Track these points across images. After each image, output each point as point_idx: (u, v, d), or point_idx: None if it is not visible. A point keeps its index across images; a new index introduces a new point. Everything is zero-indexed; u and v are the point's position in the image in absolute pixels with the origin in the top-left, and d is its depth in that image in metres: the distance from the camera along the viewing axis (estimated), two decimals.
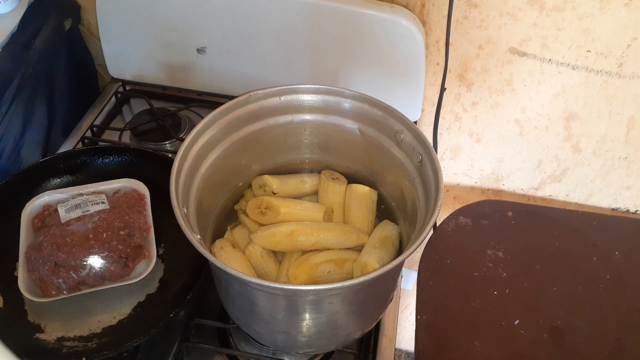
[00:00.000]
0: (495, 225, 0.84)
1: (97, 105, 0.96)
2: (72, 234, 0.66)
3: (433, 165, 0.57)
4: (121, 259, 0.66)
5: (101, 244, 0.66)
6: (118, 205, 0.71)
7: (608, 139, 0.94)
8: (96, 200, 0.70)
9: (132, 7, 0.87)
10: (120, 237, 0.67)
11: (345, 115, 0.66)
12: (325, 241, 0.64)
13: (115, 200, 0.72)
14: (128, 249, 0.67)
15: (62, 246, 0.65)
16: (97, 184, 0.74)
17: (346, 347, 0.68)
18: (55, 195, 0.72)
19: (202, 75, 0.95)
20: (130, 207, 0.71)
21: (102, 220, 0.68)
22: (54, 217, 0.69)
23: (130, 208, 0.71)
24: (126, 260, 0.66)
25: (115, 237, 0.67)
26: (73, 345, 0.62)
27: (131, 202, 0.72)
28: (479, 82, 0.91)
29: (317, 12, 0.81)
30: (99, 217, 0.68)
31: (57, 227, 0.67)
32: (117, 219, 0.69)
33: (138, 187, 0.75)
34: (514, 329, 0.72)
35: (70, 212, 0.69)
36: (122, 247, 0.67)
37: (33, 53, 0.86)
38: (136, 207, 0.72)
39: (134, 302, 0.67)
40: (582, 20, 0.79)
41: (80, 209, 0.69)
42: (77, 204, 0.69)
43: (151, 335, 0.61)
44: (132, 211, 0.71)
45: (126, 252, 0.67)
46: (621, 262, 0.80)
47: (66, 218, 0.68)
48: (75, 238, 0.66)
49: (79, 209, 0.69)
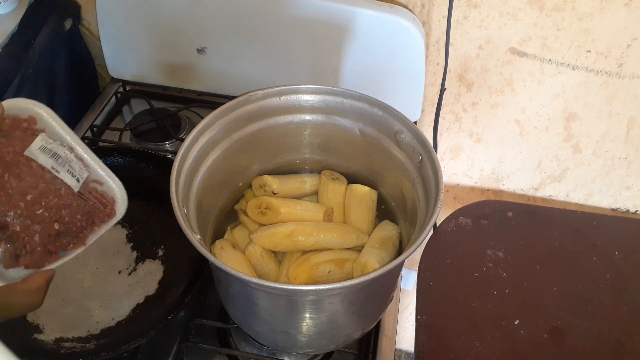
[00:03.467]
0: (495, 225, 0.84)
1: (97, 105, 0.96)
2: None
3: (433, 165, 0.57)
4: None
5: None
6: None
7: (608, 139, 0.94)
8: (75, 170, 0.51)
9: (132, 8, 0.87)
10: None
11: (345, 115, 0.66)
12: (325, 241, 0.64)
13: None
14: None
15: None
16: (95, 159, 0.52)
17: (346, 347, 0.68)
18: (51, 123, 0.51)
19: (202, 75, 0.95)
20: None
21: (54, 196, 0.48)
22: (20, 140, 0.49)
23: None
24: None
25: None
26: (71, 346, 0.62)
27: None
28: (479, 82, 0.91)
29: (317, 12, 0.81)
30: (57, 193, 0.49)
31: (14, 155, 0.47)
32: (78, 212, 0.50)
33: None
34: (514, 329, 0.72)
35: (46, 155, 0.49)
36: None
37: (33, 53, 0.86)
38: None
39: (132, 303, 0.67)
40: (582, 20, 0.79)
41: (54, 161, 0.50)
42: (56, 154, 0.50)
43: (149, 337, 0.61)
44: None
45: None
46: (621, 262, 0.80)
47: (34, 156, 0.48)
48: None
49: (55, 160, 0.50)
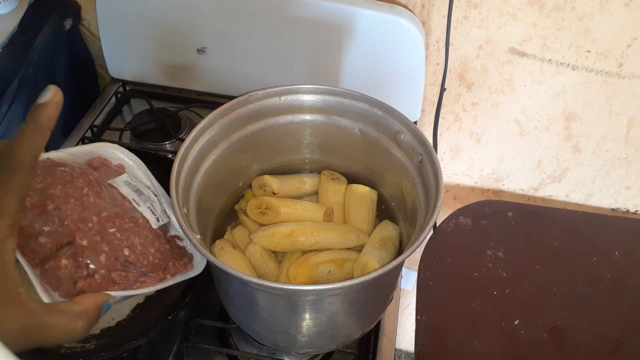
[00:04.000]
0: (495, 225, 0.84)
1: (97, 105, 0.96)
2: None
3: (433, 166, 0.57)
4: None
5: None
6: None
7: (608, 139, 0.94)
8: (156, 210, 0.51)
9: (132, 7, 0.87)
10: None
11: (345, 115, 0.66)
12: (325, 241, 0.64)
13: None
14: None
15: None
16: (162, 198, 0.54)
17: (346, 347, 0.68)
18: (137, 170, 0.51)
19: (202, 75, 0.95)
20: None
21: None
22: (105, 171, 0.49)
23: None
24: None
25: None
26: (71, 346, 0.62)
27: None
28: (479, 82, 0.91)
29: (317, 12, 0.81)
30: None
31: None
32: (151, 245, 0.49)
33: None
34: (514, 329, 0.72)
35: (129, 188, 0.50)
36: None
37: (33, 53, 0.86)
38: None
39: (132, 303, 0.67)
40: (582, 20, 0.79)
41: (137, 195, 0.50)
42: (139, 191, 0.51)
43: (149, 337, 0.61)
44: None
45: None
46: (621, 262, 0.80)
47: (118, 185, 0.48)
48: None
49: (137, 194, 0.50)
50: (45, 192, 0.42)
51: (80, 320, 0.37)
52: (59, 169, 0.45)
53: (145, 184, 0.52)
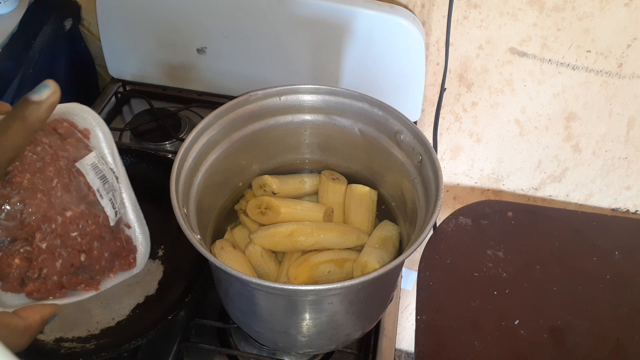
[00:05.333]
0: (495, 225, 0.84)
1: (97, 105, 0.96)
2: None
3: (433, 166, 0.57)
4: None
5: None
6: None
7: (608, 139, 0.94)
8: (116, 202, 0.46)
9: (132, 7, 0.87)
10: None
11: (345, 115, 0.66)
12: (325, 241, 0.64)
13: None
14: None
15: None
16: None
17: (346, 347, 0.68)
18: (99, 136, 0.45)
19: (202, 75, 0.95)
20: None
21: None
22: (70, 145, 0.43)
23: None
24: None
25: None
26: (71, 346, 0.62)
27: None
28: (479, 82, 0.91)
29: (317, 12, 0.81)
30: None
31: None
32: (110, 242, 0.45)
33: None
34: (514, 329, 0.72)
35: (96, 175, 0.44)
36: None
37: (33, 53, 0.86)
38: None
39: (132, 303, 0.67)
40: (582, 20, 0.79)
41: (101, 184, 0.45)
42: (105, 178, 0.46)
43: (149, 337, 0.61)
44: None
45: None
46: (621, 262, 0.80)
47: (85, 171, 0.43)
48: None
49: (102, 183, 0.45)
50: (11, 179, 0.36)
51: (24, 337, 0.34)
52: (28, 151, 0.38)
53: (108, 161, 0.47)
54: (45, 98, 0.31)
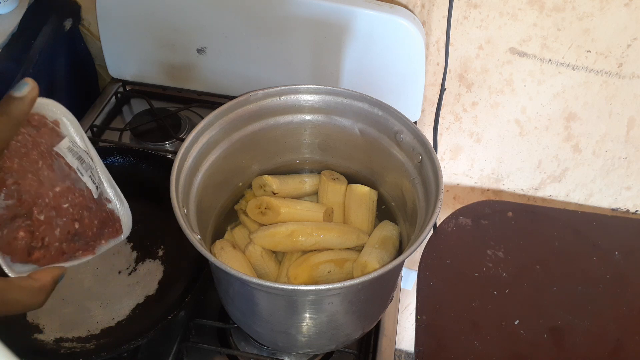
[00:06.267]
0: (495, 225, 0.84)
1: (97, 105, 0.96)
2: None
3: (433, 165, 0.57)
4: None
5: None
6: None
7: (608, 139, 0.94)
8: (95, 178, 0.50)
9: (132, 7, 0.87)
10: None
11: (345, 115, 0.66)
12: (325, 241, 0.64)
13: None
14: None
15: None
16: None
17: (346, 347, 0.68)
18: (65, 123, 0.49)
19: (202, 75, 0.95)
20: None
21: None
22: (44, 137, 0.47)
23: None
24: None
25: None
26: (71, 346, 0.62)
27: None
28: (479, 82, 0.91)
29: (317, 12, 0.81)
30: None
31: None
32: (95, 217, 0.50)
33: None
34: (514, 329, 0.72)
35: (73, 156, 0.49)
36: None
37: (33, 53, 0.86)
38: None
39: (132, 303, 0.67)
40: (582, 20, 0.79)
41: (79, 163, 0.49)
42: (81, 158, 0.50)
43: (149, 337, 0.61)
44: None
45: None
46: (621, 262, 0.80)
47: (63, 153, 0.48)
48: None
49: (80, 162, 0.49)
50: (2, 165, 0.42)
51: (41, 296, 0.40)
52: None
53: (79, 145, 0.52)
54: (26, 94, 0.36)
